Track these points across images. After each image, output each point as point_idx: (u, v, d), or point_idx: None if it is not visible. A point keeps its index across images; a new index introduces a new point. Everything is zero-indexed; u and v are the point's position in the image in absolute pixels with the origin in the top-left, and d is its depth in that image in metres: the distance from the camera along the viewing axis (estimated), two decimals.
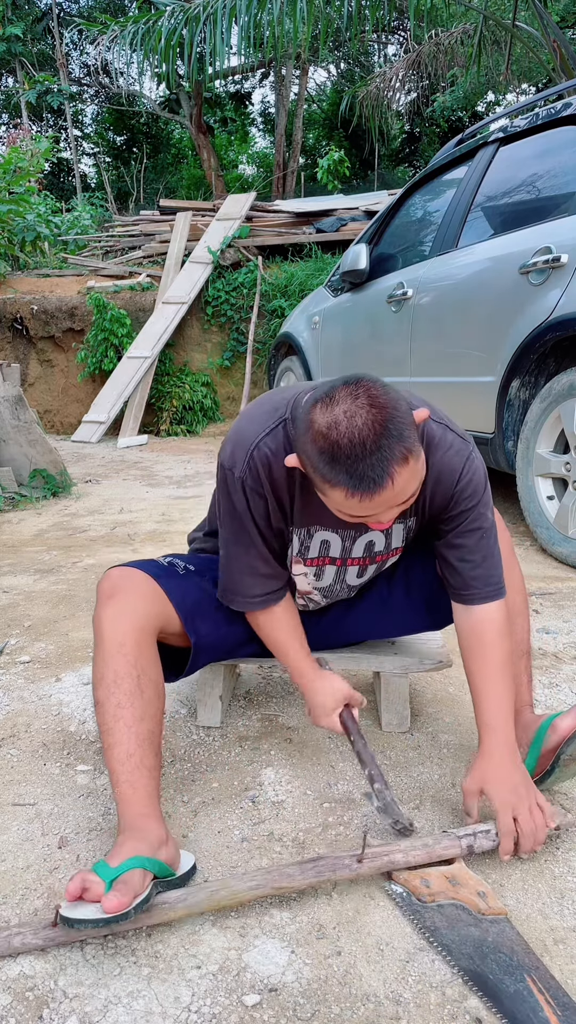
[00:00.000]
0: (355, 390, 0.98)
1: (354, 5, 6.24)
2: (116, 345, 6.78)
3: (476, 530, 1.23)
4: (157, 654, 1.25)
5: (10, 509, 3.79)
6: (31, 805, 1.32)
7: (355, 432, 0.96)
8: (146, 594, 1.25)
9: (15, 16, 13.78)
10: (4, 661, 1.94)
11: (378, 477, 0.96)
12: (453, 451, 1.19)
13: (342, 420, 0.96)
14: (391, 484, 0.97)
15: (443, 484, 1.20)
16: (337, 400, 0.98)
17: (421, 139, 15.56)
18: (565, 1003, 0.91)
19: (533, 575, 2.57)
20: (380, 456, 0.96)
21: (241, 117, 18.28)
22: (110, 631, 1.19)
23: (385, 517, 1.05)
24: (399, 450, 0.97)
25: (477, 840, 1.14)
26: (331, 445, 0.97)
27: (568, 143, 2.78)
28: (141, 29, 7.53)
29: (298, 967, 0.97)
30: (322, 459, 0.99)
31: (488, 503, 1.25)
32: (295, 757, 1.47)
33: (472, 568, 1.23)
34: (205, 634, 1.34)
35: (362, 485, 0.97)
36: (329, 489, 1.01)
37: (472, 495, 1.21)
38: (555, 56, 5.87)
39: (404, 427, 0.98)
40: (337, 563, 1.33)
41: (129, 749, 1.12)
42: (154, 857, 1.04)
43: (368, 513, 1.03)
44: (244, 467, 1.18)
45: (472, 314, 3.00)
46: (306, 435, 1.01)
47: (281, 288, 6.92)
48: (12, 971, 0.95)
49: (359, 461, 0.96)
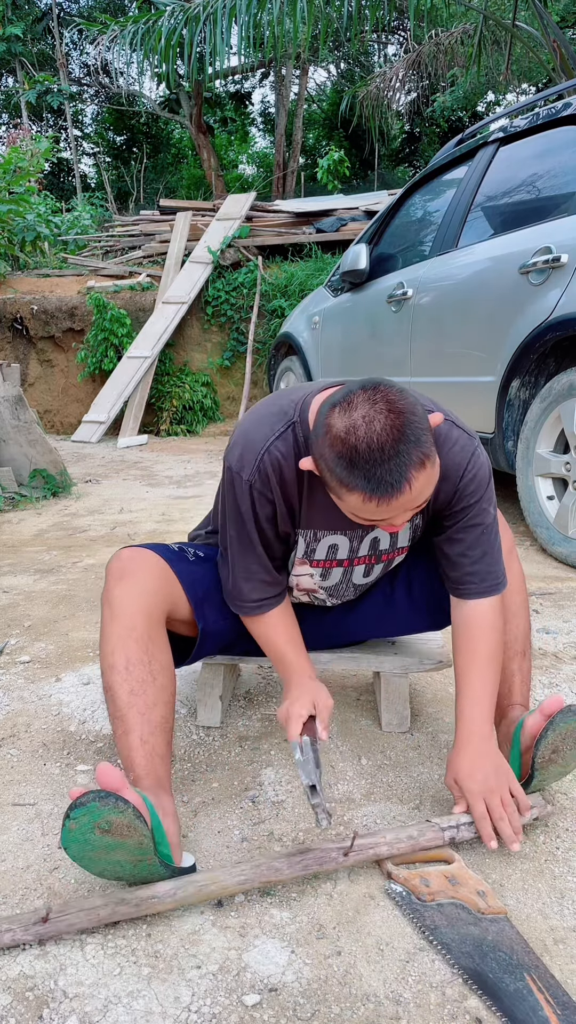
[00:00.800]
0: (373, 395, 0.98)
1: (354, 5, 6.24)
2: (116, 345, 6.78)
3: (477, 526, 1.23)
4: (167, 638, 1.25)
5: (10, 509, 3.79)
6: (31, 805, 1.32)
7: (374, 437, 0.96)
8: (157, 575, 1.26)
9: (15, 16, 13.78)
10: (4, 661, 1.94)
11: (396, 482, 0.97)
12: (459, 447, 1.19)
13: (361, 425, 0.97)
14: (408, 489, 0.98)
15: (448, 480, 1.20)
16: (356, 405, 0.98)
17: (421, 139, 15.56)
18: (565, 1002, 0.91)
19: (533, 575, 2.57)
20: (399, 461, 0.96)
21: (241, 117, 18.28)
22: (121, 613, 1.19)
23: (399, 520, 1.05)
24: (417, 455, 0.97)
25: (460, 831, 1.16)
26: (350, 450, 0.97)
27: (568, 143, 2.78)
28: (141, 29, 7.54)
29: (298, 967, 0.97)
30: (340, 463, 0.99)
31: (491, 499, 1.25)
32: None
33: (470, 563, 1.24)
34: (213, 621, 1.35)
35: (380, 489, 0.97)
36: (346, 493, 1.01)
37: (475, 491, 1.21)
38: (555, 56, 5.87)
39: (421, 432, 0.98)
40: (344, 564, 1.33)
41: (143, 736, 1.13)
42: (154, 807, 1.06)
43: (383, 517, 1.03)
44: (253, 471, 1.18)
45: (472, 314, 3.00)
46: (324, 439, 1.01)
47: (281, 288, 6.92)
48: (12, 971, 0.95)
49: (378, 466, 0.96)
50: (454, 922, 1.03)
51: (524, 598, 1.38)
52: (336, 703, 1.69)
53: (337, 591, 1.39)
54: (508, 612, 1.33)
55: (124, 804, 0.95)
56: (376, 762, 1.45)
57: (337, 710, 1.66)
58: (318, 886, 1.11)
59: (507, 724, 1.33)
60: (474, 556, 1.24)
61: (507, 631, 1.33)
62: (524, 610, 1.37)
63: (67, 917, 0.99)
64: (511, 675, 1.34)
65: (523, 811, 1.16)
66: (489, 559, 1.25)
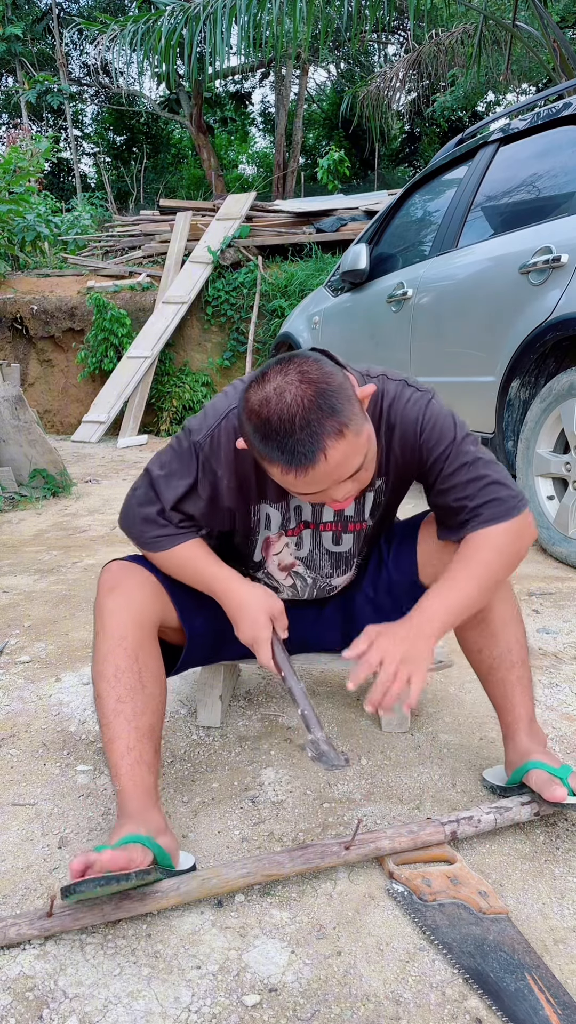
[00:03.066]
0: (286, 367, 0.99)
1: (354, 5, 6.24)
2: (116, 345, 6.78)
3: (462, 466, 1.17)
4: (158, 647, 1.25)
5: (10, 509, 3.79)
6: (31, 805, 1.32)
7: (284, 408, 0.96)
8: (147, 588, 1.25)
9: (15, 16, 13.78)
10: (4, 661, 1.94)
11: (310, 452, 0.96)
12: (411, 403, 1.18)
13: (272, 397, 0.97)
14: (324, 459, 0.97)
15: (407, 437, 1.19)
16: (268, 378, 0.99)
17: (421, 139, 15.57)
18: (565, 1002, 0.91)
19: (533, 575, 2.57)
20: (310, 431, 0.96)
21: (241, 117, 18.29)
22: (111, 624, 1.19)
23: (338, 494, 1.05)
24: (332, 424, 0.96)
25: (460, 826, 1.16)
26: (263, 422, 0.98)
27: (568, 143, 2.78)
28: (141, 29, 7.54)
29: (298, 967, 0.96)
30: (256, 436, 1.00)
31: (466, 440, 1.19)
32: (295, 757, 1.47)
33: (472, 500, 1.17)
34: (200, 630, 1.34)
35: (295, 460, 0.97)
36: (268, 466, 1.02)
37: (440, 438, 1.17)
38: (555, 56, 5.87)
39: (338, 401, 0.97)
40: (311, 527, 1.30)
41: (129, 743, 1.12)
42: (152, 838, 1.04)
43: (312, 489, 1.02)
44: (206, 435, 1.18)
45: (472, 314, 3.00)
46: (243, 414, 1.02)
47: (281, 288, 6.92)
48: (12, 971, 0.95)
49: (289, 436, 0.96)
50: (456, 922, 1.03)
51: (514, 609, 1.31)
52: (336, 703, 1.70)
53: (313, 562, 1.34)
54: (498, 623, 1.28)
55: (125, 878, 0.95)
56: (376, 762, 1.45)
57: (337, 710, 1.66)
58: (318, 886, 1.10)
59: (514, 753, 1.28)
60: (472, 493, 1.17)
61: (499, 642, 1.28)
62: (516, 619, 1.31)
63: (71, 912, 0.99)
64: (511, 687, 1.29)
65: (406, 705, 1.08)
66: (495, 487, 1.16)
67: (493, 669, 1.29)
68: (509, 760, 1.29)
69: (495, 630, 1.28)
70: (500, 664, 1.29)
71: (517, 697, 1.30)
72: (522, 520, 1.18)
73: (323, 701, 1.70)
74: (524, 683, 1.31)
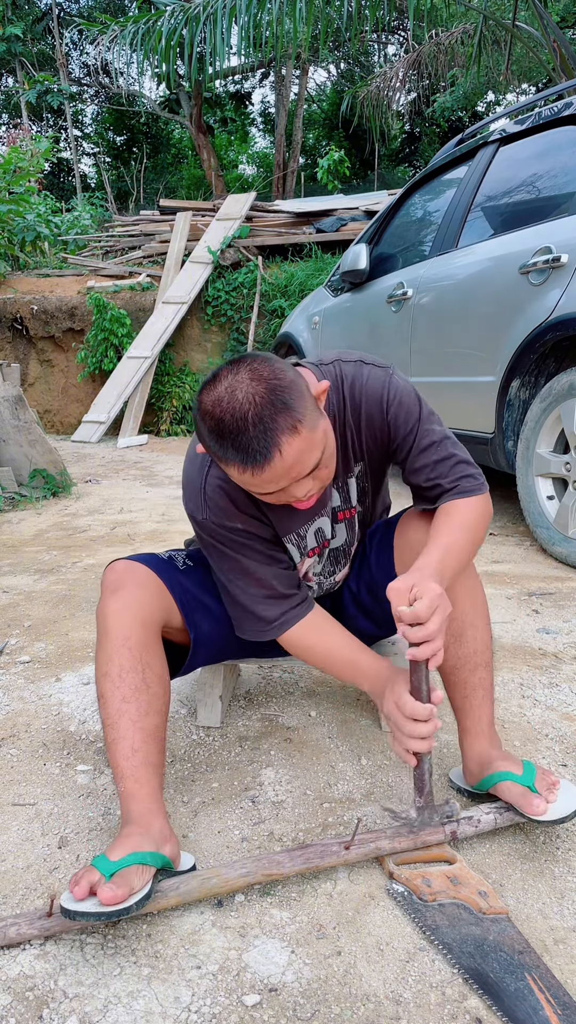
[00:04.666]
0: (236, 367, 0.99)
1: (354, 5, 6.24)
2: (116, 345, 6.78)
3: (429, 446, 1.20)
4: (162, 648, 1.25)
5: (10, 509, 3.79)
6: (31, 805, 1.32)
7: (236, 406, 0.96)
8: (150, 588, 1.25)
9: (15, 16, 13.79)
10: (4, 661, 1.94)
11: (264, 449, 0.97)
12: (372, 379, 1.19)
13: (224, 396, 0.97)
14: (279, 455, 0.97)
15: (374, 414, 1.20)
16: (220, 378, 0.99)
17: (421, 139, 15.57)
18: (565, 1002, 0.91)
19: (533, 575, 2.57)
20: (263, 427, 0.96)
21: (241, 117, 18.29)
22: (115, 624, 1.19)
23: (298, 492, 1.05)
24: (284, 421, 0.97)
25: (460, 826, 1.16)
26: (217, 423, 0.98)
27: (568, 143, 2.78)
28: (141, 29, 7.55)
29: (298, 967, 0.96)
30: (212, 438, 1.00)
31: (429, 417, 1.21)
32: (295, 757, 1.47)
33: (444, 479, 1.20)
34: (205, 630, 1.34)
35: (250, 459, 0.97)
36: (226, 467, 1.02)
37: (408, 414, 1.19)
38: (555, 56, 5.88)
39: (290, 398, 0.98)
40: (325, 544, 1.34)
41: (134, 744, 1.12)
42: (157, 851, 1.04)
43: (271, 488, 1.02)
44: (205, 508, 1.19)
45: (472, 314, 3.00)
46: (198, 417, 1.02)
47: (281, 288, 6.92)
48: (12, 971, 0.95)
49: (242, 434, 0.96)
50: (456, 922, 1.03)
51: (483, 611, 1.29)
52: (336, 703, 1.70)
53: (324, 564, 1.38)
54: (464, 623, 1.26)
55: (125, 911, 0.95)
56: (376, 762, 1.45)
57: (337, 710, 1.66)
58: (318, 886, 1.10)
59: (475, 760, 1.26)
60: (443, 471, 1.20)
61: (464, 643, 1.26)
62: (484, 622, 1.29)
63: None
64: (472, 689, 1.26)
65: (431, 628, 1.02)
66: (462, 466, 1.21)
67: (456, 669, 1.27)
68: (470, 765, 1.27)
69: (462, 630, 1.26)
70: (463, 665, 1.26)
71: (478, 699, 1.27)
72: (487, 498, 1.23)
73: (323, 701, 1.70)
74: (486, 686, 1.28)
